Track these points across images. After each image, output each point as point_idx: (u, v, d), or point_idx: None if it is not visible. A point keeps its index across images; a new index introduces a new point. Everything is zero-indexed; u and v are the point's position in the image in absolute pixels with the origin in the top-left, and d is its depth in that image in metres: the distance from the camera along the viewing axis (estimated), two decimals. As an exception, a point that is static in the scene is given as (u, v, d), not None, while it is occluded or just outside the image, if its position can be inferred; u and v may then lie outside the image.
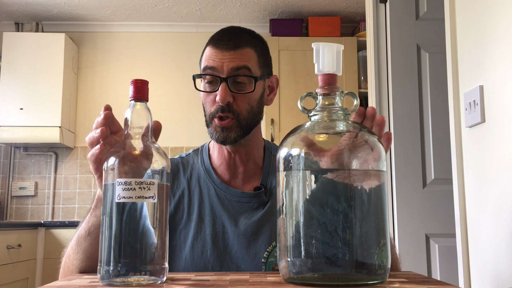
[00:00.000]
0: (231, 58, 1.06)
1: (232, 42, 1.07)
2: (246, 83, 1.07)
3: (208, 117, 1.09)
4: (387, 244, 0.71)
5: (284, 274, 0.73)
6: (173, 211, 1.12)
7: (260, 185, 1.13)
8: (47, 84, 3.57)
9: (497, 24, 1.34)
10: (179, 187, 1.15)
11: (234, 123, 1.07)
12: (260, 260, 1.07)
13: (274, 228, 1.09)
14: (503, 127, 1.31)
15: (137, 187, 0.71)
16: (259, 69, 1.10)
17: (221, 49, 1.07)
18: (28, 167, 3.82)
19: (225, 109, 1.05)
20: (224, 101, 1.04)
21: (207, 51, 1.10)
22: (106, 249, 0.72)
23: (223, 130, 1.07)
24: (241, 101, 1.07)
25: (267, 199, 1.12)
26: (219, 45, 1.07)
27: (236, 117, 1.06)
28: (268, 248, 1.08)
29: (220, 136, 1.07)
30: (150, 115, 0.79)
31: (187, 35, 3.99)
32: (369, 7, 2.60)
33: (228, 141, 1.08)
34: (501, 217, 1.31)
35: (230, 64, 1.05)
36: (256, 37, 1.15)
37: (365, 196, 0.70)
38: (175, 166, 1.17)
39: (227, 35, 1.10)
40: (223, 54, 1.06)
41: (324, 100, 0.76)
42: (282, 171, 0.73)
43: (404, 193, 2.38)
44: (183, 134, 3.82)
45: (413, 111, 2.46)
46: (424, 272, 2.31)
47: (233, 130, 1.07)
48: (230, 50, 1.07)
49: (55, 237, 3.22)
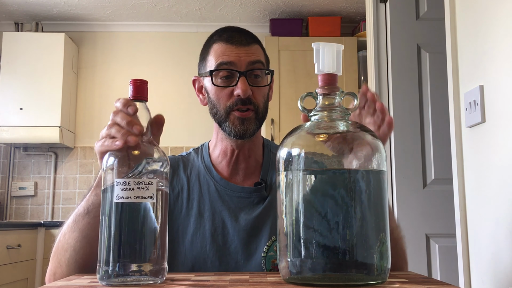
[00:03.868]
0: (246, 53, 1.09)
1: (243, 38, 1.11)
2: (261, 77, 1.11)
3: (224, 111, 1.09)
4: (387, 244, 0.71)
5: (284, 274, 0.72)
6: (171, 205, 1.12)
7: (260, 181, 1.14)
8: (47, 84, 3.56)
9: (497, 24, 1.34)
10: (179, 182, 1.15)
11: (254, 115, 1.09)
12: (260, 255, 1.07)
13: (273, 222, 1.09)
14: (503, 127, 1.31)
15: (135, 187, 0.71)
16: (267, 65, 1.15)
17: (236, 45, 1.10)
18: (28, 167, 3.82)
19: (246, 102, 1.08)
20: (246, 94, 1.06)
21: (218, 47, 1.11)
22: (105, 249, 0.71)
23: (243, 122, 1.08)
24: (258, 94, 1.10)
25: (267, 194, 1.13)
26: (233, 41, 1.10)
27: (256, 110, 1.09)
28: (267, 242, 1.08)
29: (241, 129, 1.08)
30: (150, 115, 0.78)
31: (187, 35, 3.99)
32: (369, 7, 2.60)
33: (248, 133, 1.09)
34: (501, 217, 1.31)
35: (247, 58, 1.09)
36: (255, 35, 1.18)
37: (365, 196, 0.70)
38: (176, 162, 1.18)
39: (235, 32, 1.13)
40: (238, 50, 1.09)
41: (324, 100, 0.76)
42: (282, 171, 0.73)
43: (404, 193, 2.38)
44: (183, 134, 3.82)
45: (413, 111, 2.46)
46: (424, 272, 2.31)
47: (253, 122, 1.09)
48: (244, 45, 1.10)
49: (55, 237, 3.21)
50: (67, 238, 0.94)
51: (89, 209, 0.91)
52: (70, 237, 0.93)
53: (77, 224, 0.92)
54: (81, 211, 0.92)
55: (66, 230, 0.94)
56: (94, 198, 0.91)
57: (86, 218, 0.91)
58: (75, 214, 0.94)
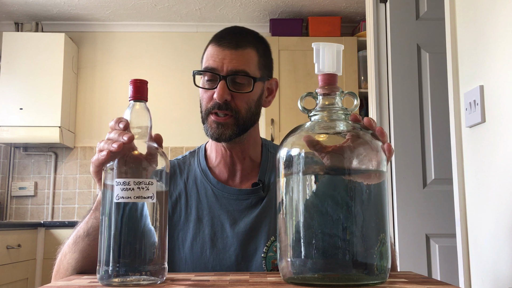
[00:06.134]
0: (231, 58, 1.07)
1: (234, 41, 1.08)
2: (245, 84, 1.08)
3: (204, 113, 1.11)
4: (388, 244, 0.71)
5: (284, 274, 0.72)
6: (170, 212, 1.12)
7: (258, 181, 1.14)
8: (46, 84, 3.56)
9: (497, 24, 1.34)
10: (176, 189, 1.15)
11: (232, 121, 1.08)
12: (260, 255, 1.07)
13: (272, 223, 1.09)
14: (503, 127, 1.31)
15: (136, 187, 0.71)
16: (258, 71, 1.11)
17: (223, 47, 1.08)
18: (28, 167, 3.82)
19: (222, 107, 1.07)
20: (222, 98, 1.05)
21: (209, 49, 1.11)
22: (105, 249, 0.71)
23: (218, 126, 1.08)
24: (240, 100, 1.08)
25: (264, 195, 1.13)
26: (221, 43, 1.09)
27: (235, 115, 1.08)
28: (267, 243, 1.08)
29: (215, 132, 1.08)
30: (150, 115, 0.78)
31: (187, 35, 3.99)
32: (369, 7, 2.60)
33: (223, 138, 1.08)
34: (501, 217, 1.31)
35: (229, 65, 1.07)
36: (259, 38, 1.16)
37: (365, 196, 0.70)
38: (172, 168, 1.18)
39: (230, 34, 1.11)
40: (224, 53, 1.07)
41: (324, 100, 0.76)
42: (282, 171, 0.73)
43: (404, 193, 2.38)
44: (183, 134, 3.82)
45: (413, 111, 2.46)
46: (424, 272, 2.31)
47: (230, 128, 1.08)
48: (231, 49, 1.08)
49: (55, 237, 3.22)
50: (68, 258, 0.95)
51: (89, 231, 0.93)
52: (71, 258, 0.94)
53: (77, 245, 0.94)
54: (81, 233, 0.94)
55: (67, 250, 0.96)
56: (94, 221, 0.92)
57: (86, 240, 0.93)
58: (75, 236, 0.95)
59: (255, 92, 1.10)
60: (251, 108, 1.10)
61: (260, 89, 1.13)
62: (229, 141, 1.10)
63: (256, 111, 1.13)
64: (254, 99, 1.11)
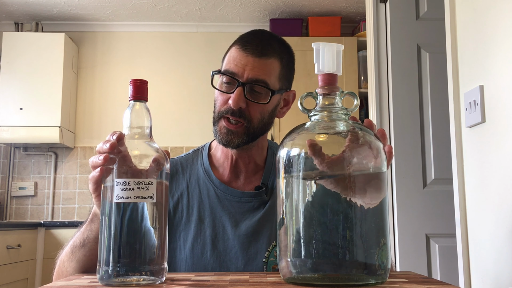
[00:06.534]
0: (253, 66, 1.04)
1: (260, 48, 1.06)
2: (263, 94, 1.06)
3: (216, 114, 1.08)
4: (387, 244, 0.71)
5: (284, 274, 0.72)
6: (171, 212, 1.11)
7: (261, 184, 1.13)
8: (46, 84, 3.56)
9: (497, 24, 1.34)
10: (178, 188, 1.14)
11: (243, 129, 1.06)
12: (261, 260, 1.07)
13: (274, 227, 1.08)
14: (503, 127, 1.31)
15: (135, 187, 0.71)
16: (278, 82, 1.08)
17: (247, 53, 1.05)
18: (28, 167, 3.82)
19: (236, 114, 1.04)
20: (237, 105, 1.03)
21: (232, 51, 1.08)
22: (105, 249, 0.71)
23: (228, 133, 1.06)
24: (254, 109, 1.06)
25: (267, 198, 1.11)
26: (246, 48, 1.06)
27: (246, 124, 1.06)
28: (268, 248, 1.08)
29: (224, 138, 1.06)
30: (150, 115, 0.78)
31: (187, 35, 3.99)
32: (369, 7, 2.60)
33: (231, 145, 1.07)
34: (501, 217, 1.31)
35: (250, 73, 1.04)
36: (285, 47, 1.13)
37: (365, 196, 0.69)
38: (174, 167, 1.16)
39: (256, 39, 1.08)
40: (247, 59, 1.05)
41: (324, 100, 0.76)
42: (282, 171, 0.73)
43: (404, 193, 2.38)
44: (183, 134, 3.82)
45: (413, 111, 2.46)
46: (424, 272, 2.31)
47: (239, 136, 1.06)
48: (255, 56, 1.05)
49: (54, 237, 3.22)
50: (66, 266, 0.96)
51: (84, 242, 0.93)
52: (69, 266, 0.95)
53: (74, 255, 0.95)
54: (77, 243, 0.94)
55: (65, 259, 0.96)
56: (89, 233, 0.93)
57: (82, 250, 0.94)
58: (72, 244, 0.96)
59: (271, 103, 1.08)
60: (264, 118, 1.08)
61: (277, 101, 1.11)
62: (237, 148, 1.09)
63: (269, 121, 1.10)
64: (269, 110, 1.09)
